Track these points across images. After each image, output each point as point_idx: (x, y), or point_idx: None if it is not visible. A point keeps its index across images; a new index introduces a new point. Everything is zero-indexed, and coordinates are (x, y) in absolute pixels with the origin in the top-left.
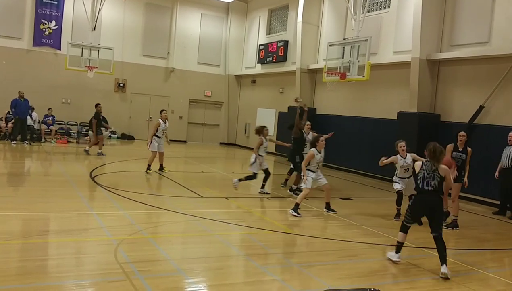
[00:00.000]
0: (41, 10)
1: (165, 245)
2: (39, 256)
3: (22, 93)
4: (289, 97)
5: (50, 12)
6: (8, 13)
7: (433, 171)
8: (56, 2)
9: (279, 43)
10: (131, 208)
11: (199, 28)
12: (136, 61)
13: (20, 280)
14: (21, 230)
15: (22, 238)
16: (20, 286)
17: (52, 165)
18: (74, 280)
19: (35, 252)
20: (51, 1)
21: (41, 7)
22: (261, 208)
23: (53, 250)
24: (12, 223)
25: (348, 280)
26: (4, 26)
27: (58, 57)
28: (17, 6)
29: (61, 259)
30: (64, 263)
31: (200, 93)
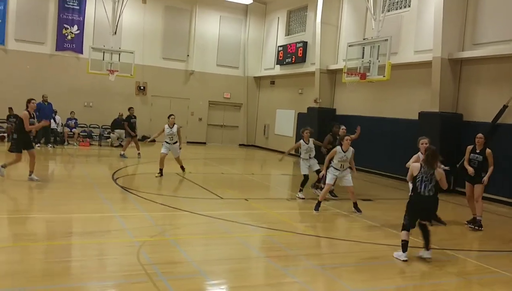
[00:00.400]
0: (63, 15)
1: (186, 247)
2: (63, 258)
3: (46, 97)
4: (309, 98)
5: (72, 17)
6: (32, 19)
7: (430, 175)
8: (78, 7)
9: (298, 44)
10: (153, 209)
11: (218, 30)
12: (156, 64)
13: (46, 281)
14: (46, 232)
15: (46, 239)
16: (46, 287)
17: (75, 167)
18: (98, 282)
19: (59, 253)
20: (73, 6)
21: (63, 12)
22: (281, 209)
23: (76, 251)
24: (37, 225)
25: (371, 283)
26: (28, 31)
27: (80, 61)
28: (40, 11)
29: (85, 260)
30: (88, 265)
31: (219, 95)
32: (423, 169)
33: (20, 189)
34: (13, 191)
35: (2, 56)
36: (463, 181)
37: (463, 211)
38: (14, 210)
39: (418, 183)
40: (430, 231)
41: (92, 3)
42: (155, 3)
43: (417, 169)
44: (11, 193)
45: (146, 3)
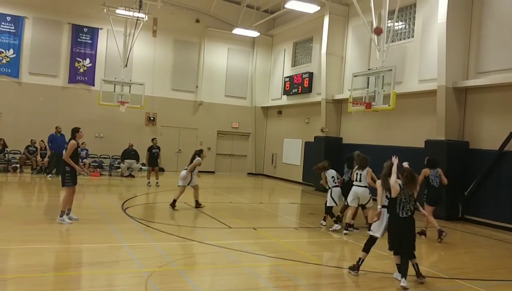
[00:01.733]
0: (76, 49)
1: (194, 277)
2: (73, 289)
3: (60, 129)
4: (315, 127)
5: (85, 51)
6: (45, 52)
7: (409, 196)
8: (90, 41)
9: (304, 75)
10: (161, 239)
11: (226, 62)
12: (166, 95)
13: None
14: (55, 262)
15: (55, 270)
16: None
17: (85, 197)
18: None
19: (69, 284)
20: (86, 40)
21: (76, 46)
22: (289, 238)
23: (86, 282)
24: (46, 255)
25: None
26: (42, 65)
27: (92, 93)
28: (54, 45)
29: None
30: None
31: (228, 125)
32: (402, 191)
33: (28, 219)
34: (22, 221)
35: (17, 89)
36: (472, 208)
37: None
38: (24, 240)
39: (397, 205)
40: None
41: (104, 37)
42: (165, 37)
43: (396, 191)
44: (20, 223)
45: (156, 37)
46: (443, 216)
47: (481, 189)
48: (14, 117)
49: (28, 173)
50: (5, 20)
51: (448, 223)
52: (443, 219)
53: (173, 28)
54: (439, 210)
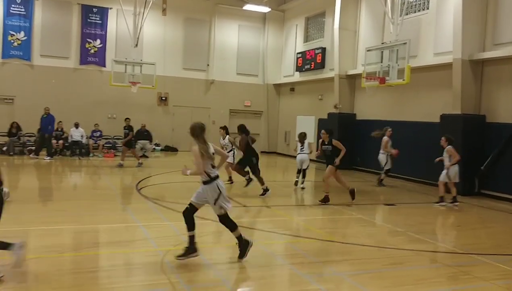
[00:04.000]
0: (86, 29)
1: (209, 255)
2: (90, 268)
3: (47, 109)
4: (329, 104)
5: (95, 31)
6: (56, 34)
7: None
8: (100, 22)
9: (317, 51)
10: (176, 218)
11: (237, 39)
12: (177, 75)
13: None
14: (72, 243)
15: (73, 250)
16: None
17: (100, 178)
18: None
19: (86, 264)
20: (96, 21)
21: (86, 27)
22: (304, 216)
23: (102, 261)
24: (63, 236)
25: (394, 289)
26: (53, 47)
27: (103, 74)
28: (64, 27)
29: (111, 270)
30: (114, 274)
31: (240, 103)
32: None
33: (46, 201)
34: (40, 203)
35: (29, 71)
36: (489, 183)
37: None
38: (42, 221)
39: None
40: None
41: (113, 17)
42: (175, 15)
43: None
44: (37, 205)
45: (166, 15)
46: (459, 191)
47: (498, 163)
48: (27, 100)
49: (44, 155)
50: (15, 3)
51: (464, 198)
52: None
53: (183, 6)
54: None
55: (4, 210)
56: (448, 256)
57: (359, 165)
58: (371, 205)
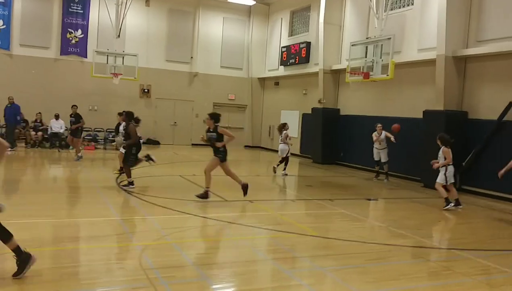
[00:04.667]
0: (67, 19)
1: (189, 250)
2: (68, 263)
3: (11, 98)
4: (313, 99)
5: (76, 21)
6: (36, 23)
7: None
8: (81, 11)
9: (302, 45)
10: (156, 213)
11: (221, 32)
12: (160, 67)
13: (52, 287)
14: (50, 237)
15: (51, 244)
16: None
17: (80, 171)
18: (101, 288)
19: (64, 258)
20: (77, 10)
21: (67, 16)
22: (286, 210)
23: (81, 256)
24: (41, 230)
25: (377, 284)
26: (33, 36)
27: (85, 65)
28: (45, 16)
29: (88, 266)
30: (90, 270)
31: (224, 96)
32: None
33: (24, 194)
34: (17, 195)
35: (8, 61)
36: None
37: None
38: (19, 215)
39: None
40: None
41: (95, 7)
42: (159, 6)
43: None
44: (15, 198)
45: (150, 6)
46: None
47: (480, 159)
48: (5, 90)
49: (22, 147)
50: None
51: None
52: None
53: None
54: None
55: None
56: (430, 251)
57: (342, 159)
58: (353, 199)
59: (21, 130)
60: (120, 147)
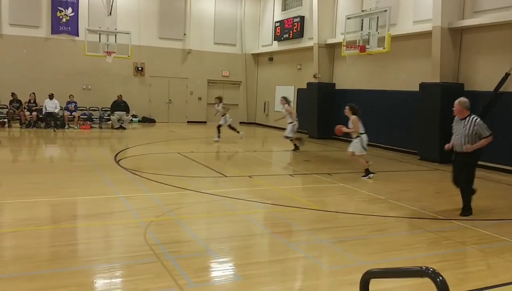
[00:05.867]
0: None
1: (192, 226)
2: (70, 241)
3: None
4: (308, 74)
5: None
6: (26, 2)
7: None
8: None
9: (295, 19)
10: (157, 189)
11: (214, 8)
12: (153, 44)
13: (53, 265)
14: (50, 216)
15: (51, 223)
16: (53, 271)
17: (76, 150)
18: (106, 264)
19: (65, 237)
20: None
21: None
22: (285, 185)
23: (82, 234)
24: (41, 209)
25: (379, 255)
26: (23, 15)
27: (77, 43)
28: None
29: (92, 243)
30: (95, 247)
31: (218, 73)
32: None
33: (21, 173)
34: (14, 175)
35: None
36: None
37: None
38: (18, 194)
39: None
40: None
41: None
42: None
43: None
44: (12, 178)
45: None
46: (437, 159)
47: None
48: None
49: (17, 127)
50: None
51: (442, 165)
52: (437, 161)
53: None
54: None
55: None
56: (429, 222)
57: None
58: (351, 173)
59: (15, 110)
60: None
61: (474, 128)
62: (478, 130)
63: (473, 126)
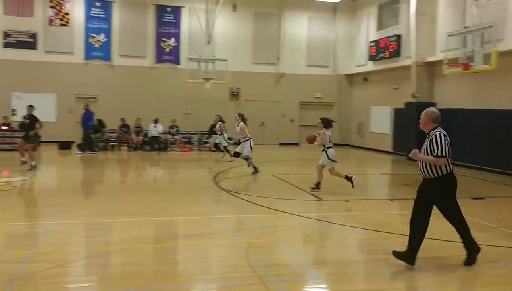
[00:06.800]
0: (161, 29)
1: (290, 249)
2: (173, 259)
3: (85, 105)
4: (405, 93)
5: (169, 30)
6: (134, 35)
7: None
8: (174, 21)
9: (391, 38)
10: (255, 211)
11: (306, 31)
12: (248, 69)
13: (157, 282)
14: (154, 235)
15: (155, 241)
16: (158, 288)
17: (178, 172)
18: (209, 283)
19: (168, 255)
20: (170, 20)
21: (161, 26)
22: (384, 210)
23: (185, 253)
24: (146, 228)
25: (489, 288)
26: (131, 47)
27: (178, 71)
28: (140, 27)
29: (194, 262)
30: (197, 266)
31: (310, 95)
32: None
33: (128, 193)
34: (122, 195)
35: (109, 71)
36: None
37: None
38: (125, 213)
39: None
40: None
41: (186, 16)
42: (245, 10)
43: None
44: (120, 197)
45: (236, 11)
46: None
47: None
48: (108, 98)
49: (125, 150)
50: (95, 6)
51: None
52: None
53: (253, 0)
54: None
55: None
56: None
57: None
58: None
59: (124, 134)
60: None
61: (429, 145)
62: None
63: (429, 141)
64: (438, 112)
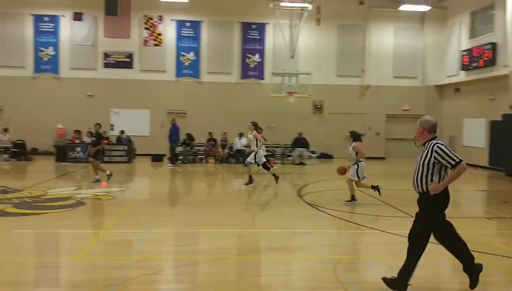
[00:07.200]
0: (246, 45)
1: (381, 267)
2: (259, 272)
3: (173, 120)
4: (502, 104)
5: (254, 47)
6: (220, 52)
7: None
8: (258, 37)
9: (486, 47)
10: (342, 227)
11: (393, 41)
12: (332, 82)
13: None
14: (238, 246)
15: (241, 253)
16: None
17: (261, 184)
18: None
19: (254, 267)
20: (254, 36)
21: (246, 43)
22: (481, 229)
23: (271, 266)
24: (231, 239)
25: None
26: (218, 64)
27: (262, 86)
28: (227, 45)
29: (281, 275)
30: (283, 279)
31: (397, 107)
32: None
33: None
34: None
35: (198, 87)
36: None
37: None
38: (212, 224)
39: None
40: None
41: (270, 32)
42: (329, 23)
43: None
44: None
45: (320, 25)
46: None
47: None
48: (197, 113)
49: (212, 163)
50: (185, 26)
51: None
52: None
53: (337, 13)
54: None
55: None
56: None
57: None
58: None
59: (211, 147)
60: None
61: (432, 158)
62: (439, 159)
63: (430, 154)
64: (435, 121)
